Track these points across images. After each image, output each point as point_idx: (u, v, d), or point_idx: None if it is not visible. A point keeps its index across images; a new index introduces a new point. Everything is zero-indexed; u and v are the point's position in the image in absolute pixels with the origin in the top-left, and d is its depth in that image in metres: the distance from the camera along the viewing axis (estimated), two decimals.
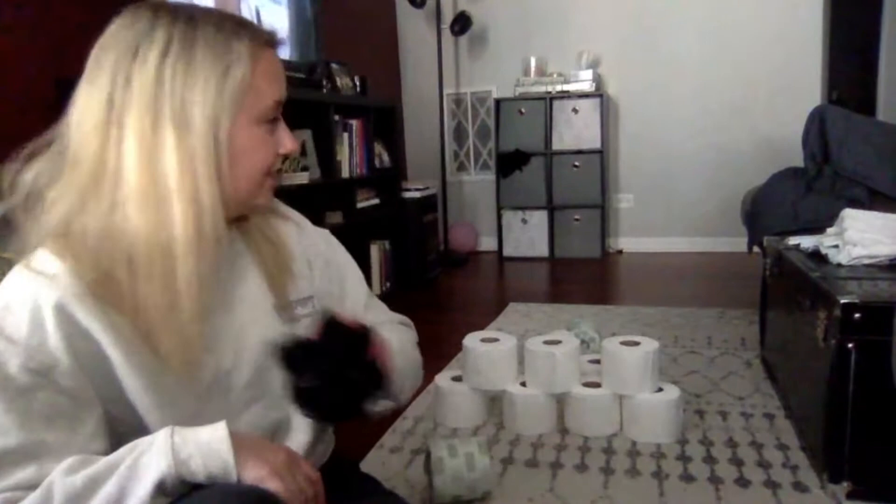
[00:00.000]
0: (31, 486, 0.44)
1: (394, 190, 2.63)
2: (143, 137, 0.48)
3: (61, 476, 0.43)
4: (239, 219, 0.58)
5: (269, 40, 0.53)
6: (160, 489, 0.43)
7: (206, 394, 0.54)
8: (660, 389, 1.21)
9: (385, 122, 2.62)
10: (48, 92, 1.52)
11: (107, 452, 0.46)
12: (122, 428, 0.50)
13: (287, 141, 0.55)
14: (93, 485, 0.43)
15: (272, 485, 0.45)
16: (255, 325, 0.57)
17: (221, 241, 0.52)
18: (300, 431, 0.61)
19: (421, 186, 2.78)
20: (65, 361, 0.46)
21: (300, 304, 0.62)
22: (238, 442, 0.45)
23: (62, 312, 0.46)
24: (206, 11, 0.52)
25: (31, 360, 0.45)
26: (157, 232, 0.47)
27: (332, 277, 0.67)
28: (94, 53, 0.50)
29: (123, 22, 0.50)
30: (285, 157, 0.56)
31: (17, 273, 0.48)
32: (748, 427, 1.22)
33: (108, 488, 0.43)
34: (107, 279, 0.47)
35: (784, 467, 1.06)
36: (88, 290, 0.47)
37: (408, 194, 2.71)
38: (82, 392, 0.47)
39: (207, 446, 0.44)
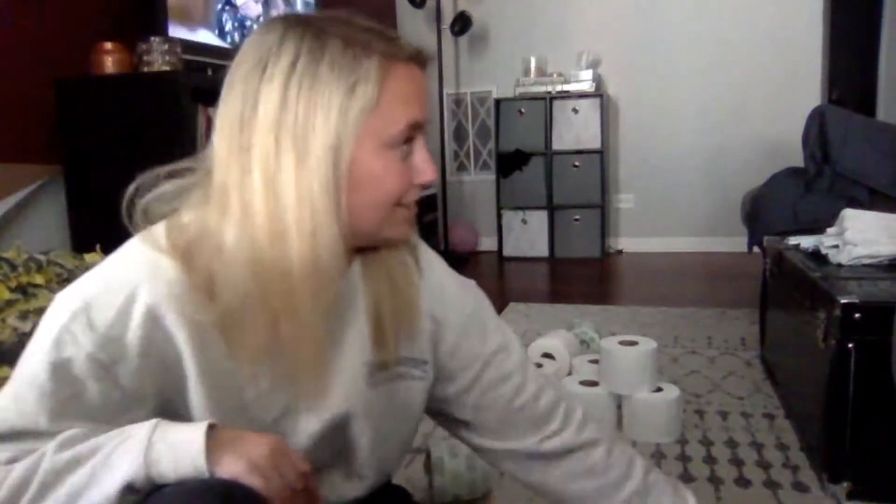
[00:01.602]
0: (62, 439, 0.43)
1: None
2: (266, 166, 0.45)
3: (55, 447, 0.42)
4: (368, 248, 0.52)
5: (409, 56, 0.48)
6: (128, 488, 0.41)
7: (266, 427, 0.49)
8: (659, 389, 1.21)
9: None
10: (48, 92, 1.52)
11: None
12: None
13: (426, 169, 0.48)
14: (73, 464, 0.42)
15: (250, 480, 0.42)
16: (342, 376, 0.52)
17: (339, 277, 0.48)
18: (359, 481, 0.55)
19: None
20: (133, 359, 0.44)
21: (410, 364, 0.55)
22: (217, 439, 0.42)
23: (154, 311, 0.44)
24: (340, 22, 0.47)
25: (101, 349, 0.44)
26: (277, 265, 0.45)
27: (480, 336, 0.58)
28: (230, 70, 0.47)
29: (256, 36, 0.47)
30: (423, 188, 0.50)
31: (131, 249, 0.47)
32: (748, 427, 1.22)
33: (82, 472, 0.42)
34: (235, 311, 0.45)
35: (784, 467, 1.06)
36: (194, 289, 0.45)
37: None
38: (139, 388, 0.45)
39: (181, 446, 0.42)
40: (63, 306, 0.45)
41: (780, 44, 2.95)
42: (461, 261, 3.12)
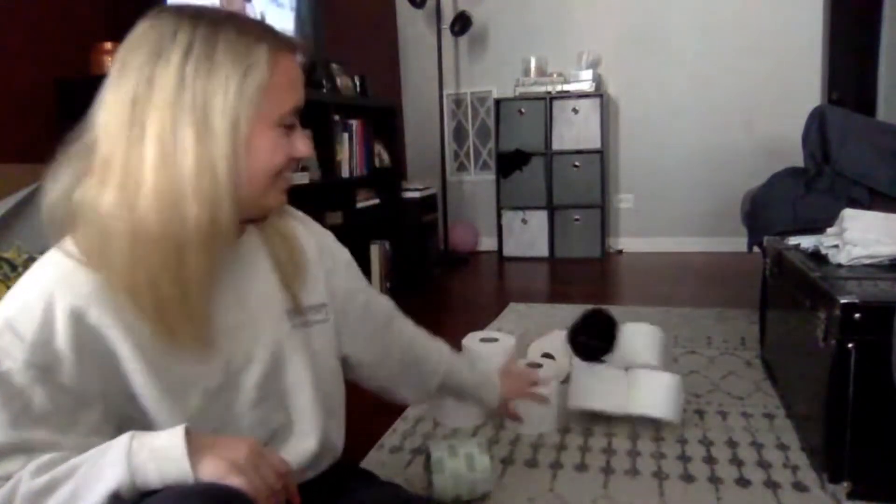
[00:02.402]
0: (38, 464, 0.45)
1: (394, 190, 2.62)
2: (162, 138, 0.48)
3: (30, 474, 0.44)
4: (256, 221, 0.59)
5: (288, 46, 0.54)
6: (114, 498, 0.43)
7: (216, 391, 0.55)
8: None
9: (385, 122, 2.62)
10: (48, 92, 1.52)
11: (111, 438, 0.47)
12: (137, 425, 0.50)
13: (301, 145, 0.56)
14: (53, 485, 0.43)
15: (233, 481, 0.44)
16: (267, 326, 0.58)
17: (231, 237, 0.53)
18: (305, 437, 0.61)
19: (421, 186, 2.78)
20: (69, 360, 0.47)
21: (313, 311, 0.63)
22: (195, 444, 0.45)
23: (74, 312, 0.47)
24: (229, 15, 0.53)
25: (34, 356, 0.46)
26: (171, 230, 0.48)
27: (351, 275, 0.71)
28: (120, 55, 0.51)
29: (148, 24, 0.51)
30: (298, 161, 0.57)
31: (40, 265, 0.50)
32: (748, 427, 1.22)
33: (64, 490, 0.43)
34: (124, 276, 0.49)
35: (784, 467, 1.06)
36: (104, 288, 0.48)
37: (408, 194, 2.71)
38: (84, 390, 0.48)
39: (163, 451, 0.44)
40: None
41: (780, 44, 2.95)
42: (461, 261, 3.12)
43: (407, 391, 0.82)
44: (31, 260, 1.04)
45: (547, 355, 1.49)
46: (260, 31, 0.52)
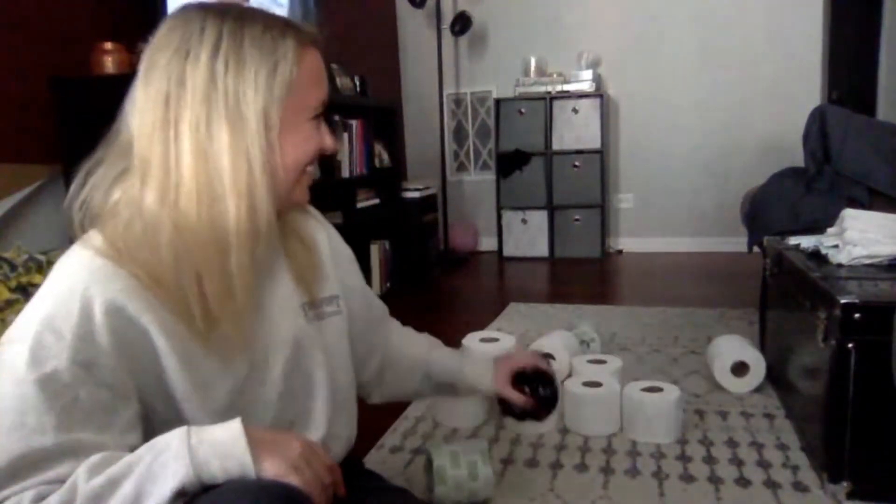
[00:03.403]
0: (64, 482, 0.44)
1: (394, 190, 2.62)
2: (197, 135, 0.49)
3: (85, 475, 0.43)
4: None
5: (312, 40, 0.55)
6: (179, 493, 0.43)
7: (242, 386, 0.55)
8: (660, 389, 1.21)
9: (385, 122, 2.62)
10: (47, 92, 1.52)
11: (139, 445, 0.47)
12: (159, 418, 0.51)
13: (328, 139, 0.57)
14: (112, 485, 0.43)
15: (292, 479, 0.45)
16: (284, 321, 0.59)
17: (273, 231, 0.54)
18: (314, 430, 0.61)
19: (421, 186, 2.78)
20: (109, 354, 0.47)
21: (327, 302, 0.64)
22: (254, 439, 0.45)
23: (112, 306, 0.47)
24: (253, 11, 0.53)
25: (78, 353, 0.46)
26: (212, 227, 0.49)
27: (353, 272, 0.72)
28: (148, 54, 0.51)
29: (174, 22, 0.51)
30: (323, 155, 0.58)
31: (69, 262, 0.50)
32: (748, 427, 1.22)
33: (126, 489, 0.43)
34: (167, 272, 0.49)
35: (784, 467, 1.06)
36: (138, 284, 0.49)
37: (408, 194, 2.71)
38: (122, 386, 0.48)
39: (224, 447, 0.44)
40: (20, 336, 0.46)
41: (780, 44, 2.95)
42: (461, 261, 3.12)
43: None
44: (32, 260, 1.04)
45: (547, 355, 1.48)
46: (283, 24, 0.53)
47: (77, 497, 0.42)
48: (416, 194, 2.71)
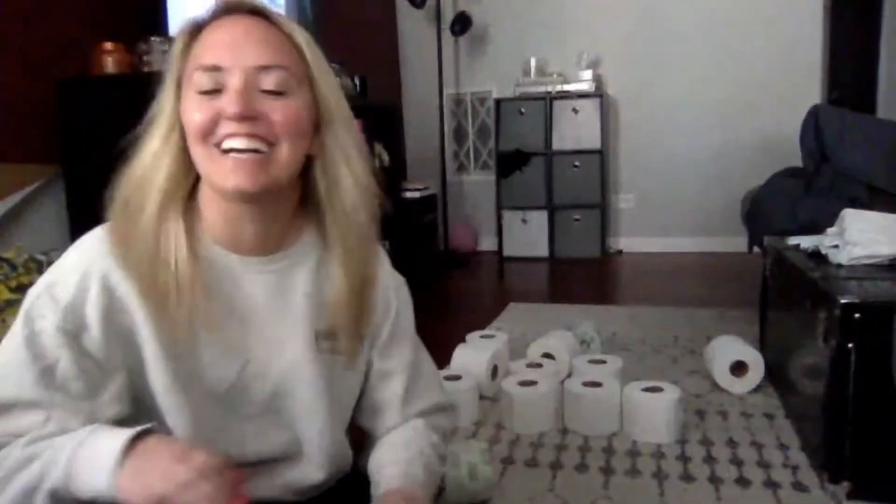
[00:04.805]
0: (24, 435, 0.46)
1: (394, 190, 2.62)
2: (147, 123, 0.53)
3: (21, 444, 0.46)
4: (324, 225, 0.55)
5: (218, 13, 0.51)
6: (52, 494, 0.43)
7: (225, 392, 0.53)
8: (660, 389, 1.20)
9: (385, 123, 2.62)
10: (49, 92, 1.52)
11: (127, 417, 0.49)
12: (145, 411, 0.51)
13: (225, 104, 0.48)
14: (27, 461, 0.45)
15: None
16: (290, 344, 0.55)
17: (179, 192, 0.52)
18: (315, 468, 0.56)
19: (421, 186, 2.77)
20: (96, 329, 0.48)
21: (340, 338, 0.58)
22: (136, 454, 0.43)
23: (107, 283, 0.49)
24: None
25: (66, 321, 0.48)
26: (140, 167, 0.52)
27: (392, 333, 0.61)
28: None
29: None
30: (231, 119, 0.48)
31: (86, 236, 0.52)
32: (748, 427, 1.21)
33: (34, 468, 0.45)
34: (141, 247, 0.50)
35: (784, 467, 1.06)
36: (131, 269, 0.50)
37: (408, 194, 2.70)
38: (107, 359, 0.49)
39: (100, 459, 0.42)
40: (30, 294, 0.50)
41: (780, 43, 2.95)
42: (461, 261, 3.12)
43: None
44: (32, 260, 1.04)
45: (547, 355, 1.48)
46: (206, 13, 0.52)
47: (6, 459, 0.45)
48: (415, 194, 2.71)
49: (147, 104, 0.52)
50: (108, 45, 1.52)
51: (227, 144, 0.49)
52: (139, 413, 0.51)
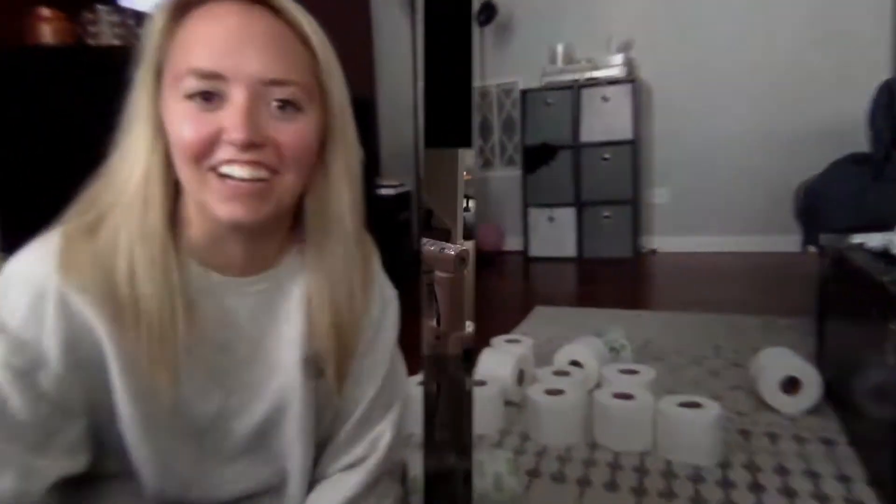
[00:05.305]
0: None
1: (366, 187, 2.54)
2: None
3: None
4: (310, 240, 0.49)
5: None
6: None
7: (203, 433, 0.48)
8: (698, 405, 1.10)
9: (358, 116, 2.53)
10: None
11: (84, 468, 0.43)
12: (109, 454, 0.46)
13: (228, 125, 0.42)
14: None
15: None
16: (278, 372, 0.50)
17: (163, 208, 0.44)
18: (296, 499, 0.52)
19: (395, 183, 2.73)
20: (55, 362, 0.42)
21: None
22: None
23: (67, 304, 0.42)
24: None
25: (15, 354, 0.41)
26: (113, 176, 0.46)
27: (368, 355, 0.55)
28: None
29: None
30: (235, 146, 0.42)
31: (32, 249, 0.44)
32: (802, 453, 1.09)
33: None
34: (107, 253, 0.44)
35: (846, 502, 0.93)
36: (95, 290, 0.43)
37: (382, 191, 2.66)
38: (66, 400, 0.43)
39: None
40: None
41: (838, 11, 2.68)
42: (486, 262, 3.04)
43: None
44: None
45: (574, 363, 1.41)
46: None
47: None
48: (390, 191, 2.65)
49: (94, 83, 0.45)
50: (46, 12, 1.32)
51: (224, 170, 0.42)
52: (102, 455, 0.45)
